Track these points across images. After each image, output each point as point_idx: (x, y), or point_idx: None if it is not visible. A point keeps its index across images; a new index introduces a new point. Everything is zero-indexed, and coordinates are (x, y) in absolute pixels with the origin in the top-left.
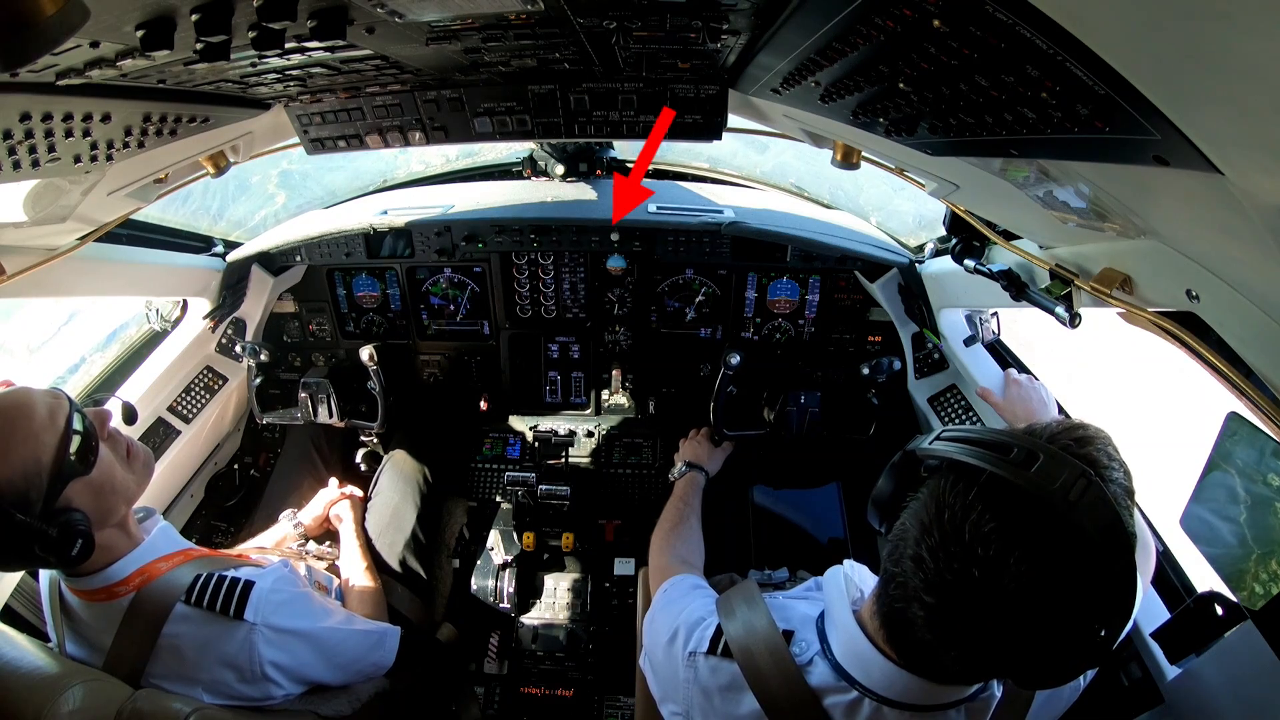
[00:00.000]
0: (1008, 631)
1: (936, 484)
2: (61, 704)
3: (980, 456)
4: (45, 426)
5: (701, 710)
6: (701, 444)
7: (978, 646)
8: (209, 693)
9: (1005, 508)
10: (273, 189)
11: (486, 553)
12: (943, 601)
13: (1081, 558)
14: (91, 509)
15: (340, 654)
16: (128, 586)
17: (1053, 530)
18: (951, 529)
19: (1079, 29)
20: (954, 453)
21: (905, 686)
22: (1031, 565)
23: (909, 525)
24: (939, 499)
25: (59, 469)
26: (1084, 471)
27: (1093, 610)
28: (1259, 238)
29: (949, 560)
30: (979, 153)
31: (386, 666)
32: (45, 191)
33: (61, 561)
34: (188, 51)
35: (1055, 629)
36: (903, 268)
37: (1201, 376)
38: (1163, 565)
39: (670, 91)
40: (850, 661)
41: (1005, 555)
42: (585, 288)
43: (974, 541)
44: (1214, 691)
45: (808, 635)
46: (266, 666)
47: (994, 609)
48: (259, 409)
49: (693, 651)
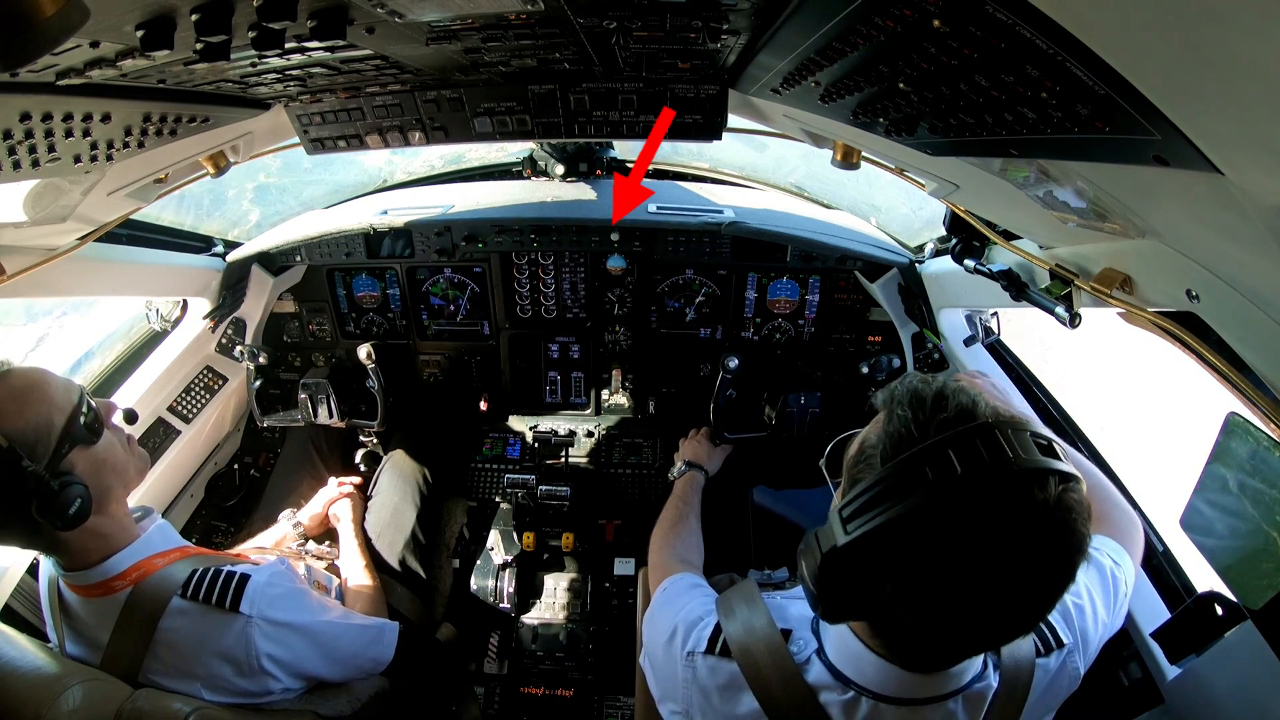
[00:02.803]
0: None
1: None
2: (61, 704)
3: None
4: (60, 396)
5: (700, 709)
6: (701, 443)
7: (941, 615)
8: (207, 688)
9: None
10: (247, 205)
11: (486, 553)
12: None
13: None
14: (92, 483)
15: (338, 649)
16: (125, 581)
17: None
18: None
19: (1079, 29)
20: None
21: (898, 681)
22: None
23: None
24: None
25: (68, 431)
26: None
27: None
28: (1259, 238)
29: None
30: (979, 153)
31: (385, 662)
32: (45, 191)
33: (60, 521)
34: (188, 51)
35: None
36: (903, 268)
37: (1201, 376)
38: (1163, 565)
39: (670, 91)
40: (843, 661)
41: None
42: (585, 288)
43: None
44: (1214, 691)
45: (804, 634)
46: (263, 660)
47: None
48: (259, 412)
49: (691, 651)
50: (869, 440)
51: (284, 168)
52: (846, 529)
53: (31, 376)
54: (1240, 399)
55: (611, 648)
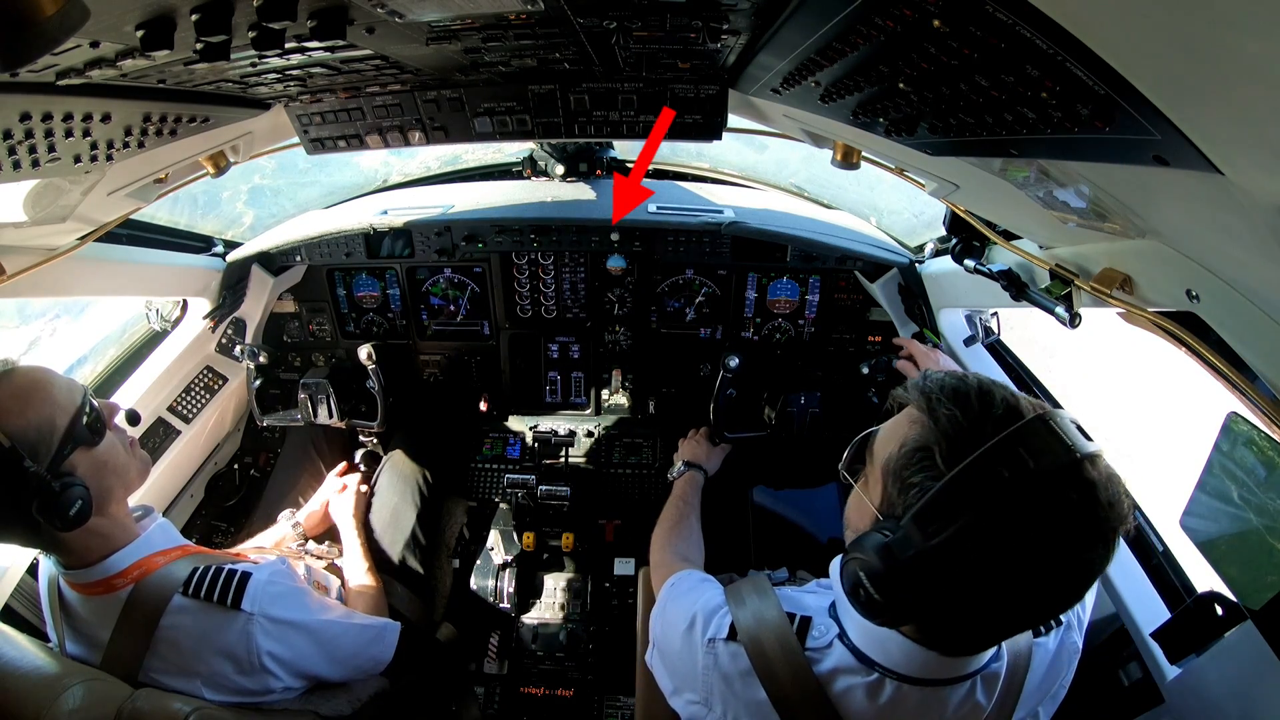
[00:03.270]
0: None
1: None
2: (61, 703)
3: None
4: (63, 396)
5: (721, 696)
6: (701, 443)
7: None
8: (208, 686)
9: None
10: (241, 207)
11: (486, 553)
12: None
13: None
14: (93, 485)
15: (339, 648)
16: (126, 579)
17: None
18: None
19: (1079, 29)
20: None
21: (924, 662)
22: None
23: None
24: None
25: (71, 432)
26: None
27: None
28: (1259, 238)
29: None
30: (979, 153)
31: (386, 661)
32: (45, 191)
33: (60, 523)
34: (188, 51)
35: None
36: (903, 268)
37: (1201, 376)
38: (1163, 565)
39: (670, 91)
40: (868, 643)
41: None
42: (585, 288)
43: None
44: (1214, 691)
45: (824, 621)
46: (264, 657)
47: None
48: (259, 411)
49: (712, 638)
50: (913, 440)
51: (279, 169)
52: (925, 534)
53: (35, 376)
54: (1240, 399)
55: (611, 648)
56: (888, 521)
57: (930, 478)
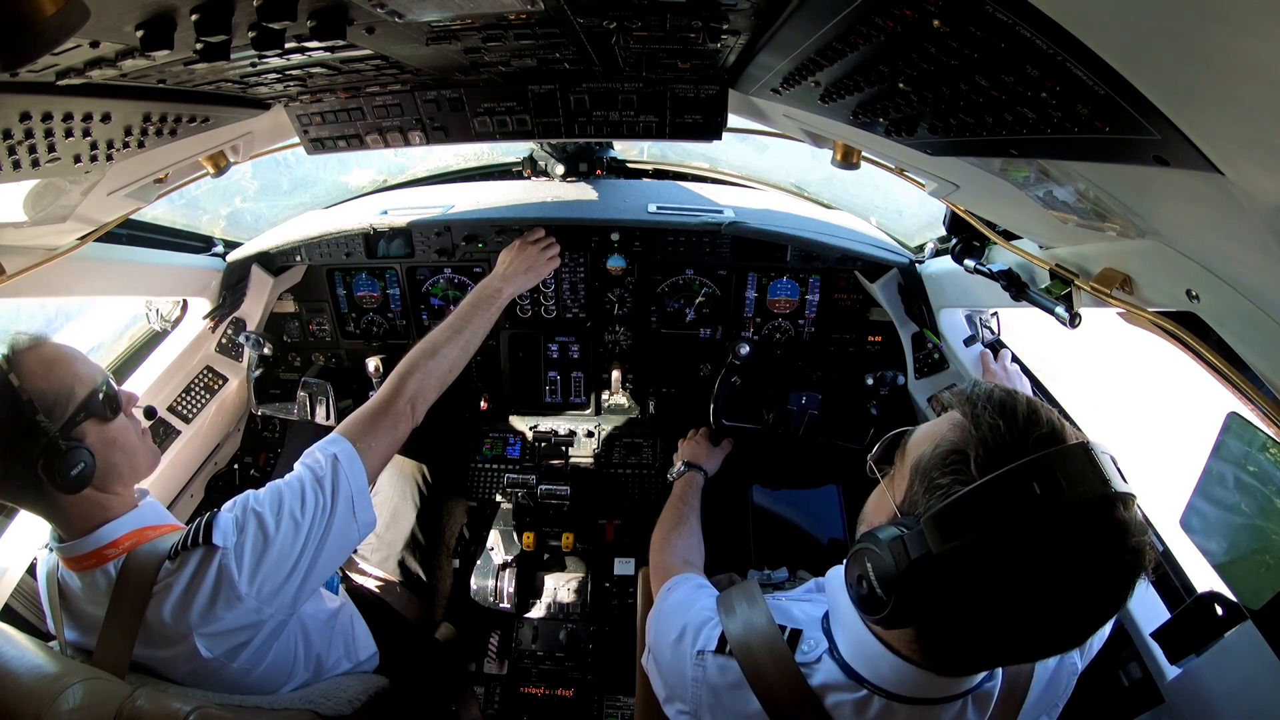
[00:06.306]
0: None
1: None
2: (61, 703)
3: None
4: (85, 372)
5: (710, 709)
6: (700, 444)
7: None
8: (204, 637)
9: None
10: (220, 234)
11: (486, 553)
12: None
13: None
14: (100, 456)
15: (315, 530)
16: (118, 549)
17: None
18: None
19: (1079, 29)
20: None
21: (915, 681)
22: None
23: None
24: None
25: (86, 403)
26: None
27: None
28: (1259, 238)
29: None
30: (979, 153)
31: (373, 523)
32: (45, 191)
33: (60, 480)
34: (188, 51)
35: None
36: (903, 268)
37: (1201, 376)
38: (1163, 565)
39: (670, 91)
40: (858, 660)
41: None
42: (585, 288)
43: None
44: (1214, 691)
45: (815, 634)
46: (242, 585)
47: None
48: (255, 400)
49: (701, 650)
50: (949, 442)
51: (261, 191)
52: (941, 536)
53: (63, 350)
54: (1240, 399)
55: (611, 648)
56: (906, 519)
57: (959, 481)
